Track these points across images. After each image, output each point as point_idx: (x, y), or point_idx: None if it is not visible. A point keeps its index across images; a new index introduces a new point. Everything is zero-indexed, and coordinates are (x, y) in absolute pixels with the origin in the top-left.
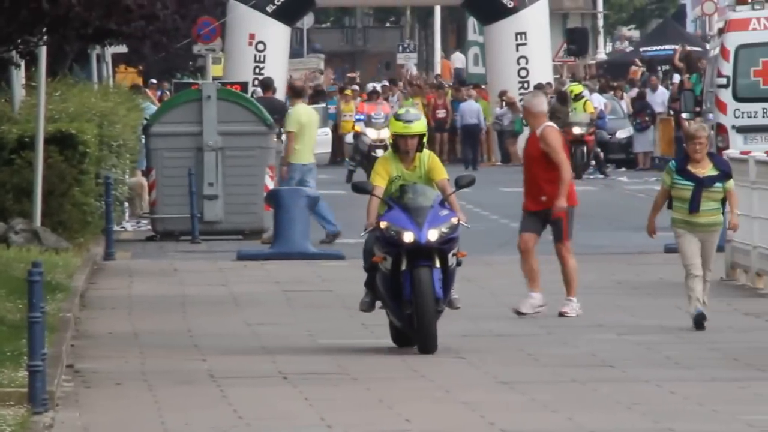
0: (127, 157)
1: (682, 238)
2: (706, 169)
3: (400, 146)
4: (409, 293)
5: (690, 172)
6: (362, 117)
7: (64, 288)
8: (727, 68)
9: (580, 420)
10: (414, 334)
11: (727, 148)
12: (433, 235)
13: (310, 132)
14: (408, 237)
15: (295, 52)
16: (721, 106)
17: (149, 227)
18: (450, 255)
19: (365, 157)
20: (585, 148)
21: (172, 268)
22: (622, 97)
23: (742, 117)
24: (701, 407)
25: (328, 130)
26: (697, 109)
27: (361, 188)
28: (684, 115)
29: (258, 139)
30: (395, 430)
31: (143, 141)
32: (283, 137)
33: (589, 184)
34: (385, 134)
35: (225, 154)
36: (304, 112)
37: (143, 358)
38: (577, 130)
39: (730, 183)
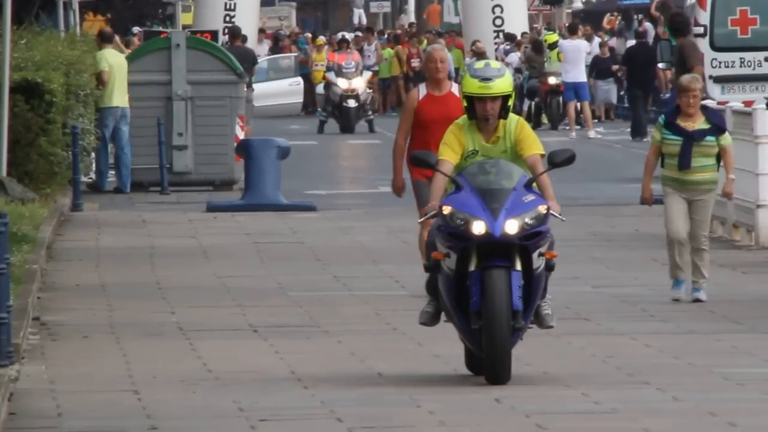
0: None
1: (668, 198)
2: (696, 123)
3: (477, 111)
4: (477, 302)
5: (679, 126)
6: (332, 66)
7: (31, 239)
8: (704, 17)
9: (554, 373)
10: (482, 356)
11: (705, 98)
12: (511, 226)
13: (120, 76)
14: (478, 227)
15: (266, 1)
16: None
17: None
18: (535, 254)
19: (337, 108)
20: (560, 99)
21: (141, 220)
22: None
23: (720, 67)
24: (677, 360)
25: (299, 80)
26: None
27: (422, 161)
28: (660, 65)
29: (228, 88)
30: (367, 383)
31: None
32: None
33: (564, 135)
34: (357, 84)
35: (195, 104)
36: (110, 56)
37: (111, 311)
38: (552, 80)
39: (726, 139)
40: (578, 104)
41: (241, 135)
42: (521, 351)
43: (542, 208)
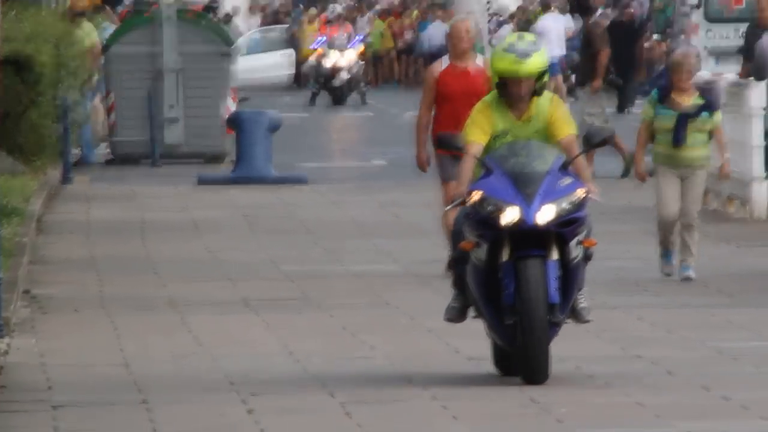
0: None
1: (661, 178)
2: (691, 98)
3: (509, 90)
4: (511, 296)
5: (673, 101)
6: (324, 39)
7: (20, 212)
8: None
9: None
10: (516, 354)
11: (698, 70)
12: (547, 212)
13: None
14: (511, 214)
15: None
16: (693, 27)
17: (108, 151)
18: (573, 243)
19: (328, 80)
20: None
21: (131, 193)
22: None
23: (714, 38)
24: (670, 334)
25: (291, 52)
26: (668, 30)
27: (448, 143)
28: (655, 37)
29: (219, 60)
30: (359, 357)
31: (102, 63)
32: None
33: None
34: (349, 56)
35: (185, 76)
36: (90, 29)
37: (101, 284)
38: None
39: (718, 117)
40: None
41: (233, 107)
42: None
43: (580, 192)
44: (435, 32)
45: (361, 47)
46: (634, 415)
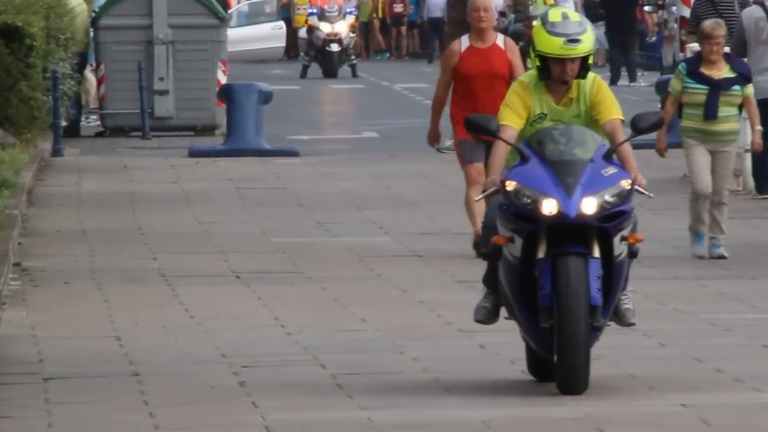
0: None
1: (692, 150)
2: (722, 71)
3: (553, 73)
4: (548, 297)
5: (704, 74)
6: (315, 10)
7: (11, 185)
8: None
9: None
10: (554, 360)
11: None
12: (589, 205)
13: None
14: (549, 207)
15: None
16: None
17: (98, 123)
18: (617, 239)
19: (320, 52)
20: None
21: (122, 165)
22: None
23: None
24: (663, 306)
25: (281, 24)
26: (660, 2)
27: (480, 126)
28: (647, 8)
29: (210, 32)
30: (350, 329)
31: (92, 34)
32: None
33: None
34: (340, 28)
35: (176, 48)
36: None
37: (92, 257)
38: (537, 24)
39: (750, 89)
40: None
41: (224, 79)
42: None
43: (625, 183)
44: (432, 3)
45: (353, 19)
46: (626, 387)
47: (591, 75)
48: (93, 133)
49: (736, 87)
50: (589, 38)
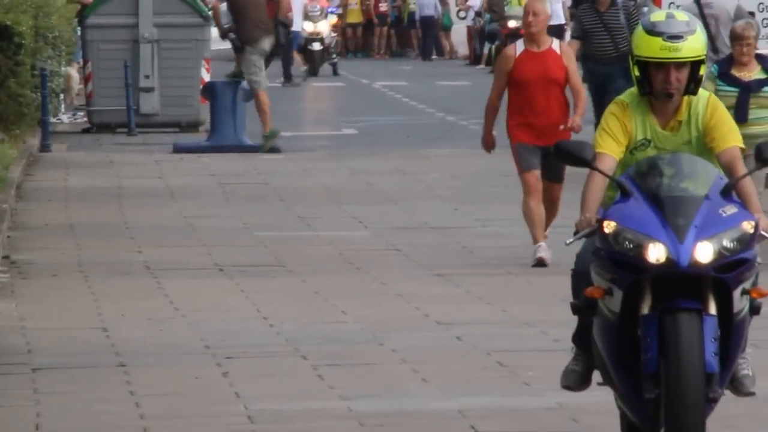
0: (63, 49)
1: None
2: (752, 73)
3: (655, 84)
4: (653, 362)
5: (734, 77)
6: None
7: (0, 180)
8: None
9: (514, 312)
10: None
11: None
12: (705, 252)
13: None
14: (656, 253)
15: None
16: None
17: (85, 119)
18: (737, 292)
19: (302, 51)
20: None
21: (108, 160)
22: None
23: None
24: None
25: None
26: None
27: (571, 154)
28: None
29: (194, 31)
30: (331, 321)
31: (79, 33)
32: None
33: None
34: (322, 27)
35: (161, 46)
36: None
37: (79, 250)
38: (512, 24)
39: None
40: None
41: (207, 77)
42: (481, 290)
43: (748, 225)
44: (424, 1)
45: (335, 18)
46: (597, 377)
47: (704, 93)
48: (80, 129)
49: (767, 88)
50: (698, 40)
